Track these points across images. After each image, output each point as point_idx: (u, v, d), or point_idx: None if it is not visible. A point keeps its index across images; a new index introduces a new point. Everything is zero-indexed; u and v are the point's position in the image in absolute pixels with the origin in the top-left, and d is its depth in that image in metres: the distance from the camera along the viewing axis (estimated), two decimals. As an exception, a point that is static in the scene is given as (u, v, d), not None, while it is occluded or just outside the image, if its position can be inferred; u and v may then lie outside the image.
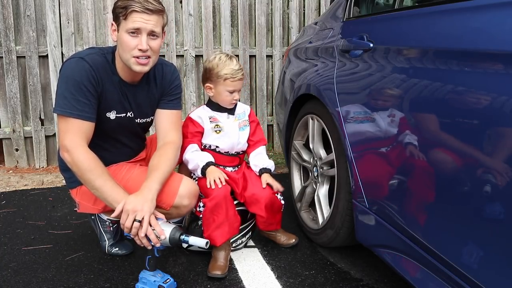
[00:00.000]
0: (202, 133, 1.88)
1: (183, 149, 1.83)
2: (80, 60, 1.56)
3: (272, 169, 1.95)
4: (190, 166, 1.83)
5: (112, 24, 1.58)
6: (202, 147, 1.91)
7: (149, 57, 1.57)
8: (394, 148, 1.39)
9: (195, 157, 1.82)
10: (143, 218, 1.47)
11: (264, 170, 1.91)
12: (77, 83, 1.53)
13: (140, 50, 1.53)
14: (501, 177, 0.98)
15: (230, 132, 1.89)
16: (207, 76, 1.85)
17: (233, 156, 1.93)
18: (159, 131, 1.79)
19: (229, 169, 1.92)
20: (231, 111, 1.92)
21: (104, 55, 1.63)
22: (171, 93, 1.80)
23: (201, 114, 1.88)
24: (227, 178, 1.79)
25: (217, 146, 1.89)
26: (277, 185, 1.89)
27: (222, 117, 1.89)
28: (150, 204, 1.51)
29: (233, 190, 1.83)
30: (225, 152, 1.91)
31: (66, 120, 1.54)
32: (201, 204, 1.79)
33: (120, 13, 1.53)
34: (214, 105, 1.90)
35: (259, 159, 1.95)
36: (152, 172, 1.62)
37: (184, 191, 1.69)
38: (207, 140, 1.88)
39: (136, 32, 1.53)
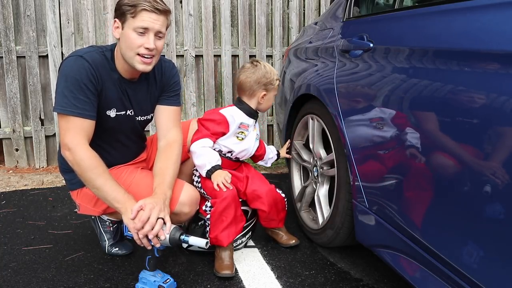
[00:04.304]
0: (223, 135, 1.84)
1: (196, 138, 1.81)
2: (79, 58, 1.56)
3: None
4: (197, 162, 1.80)
5: (115, 21, 1.57)
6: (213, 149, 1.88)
7: (153, 56, 1.58)
8: (394, 148, 1.39)
9: (205, 155, 1.78)
10: (163, 218, 1.49)
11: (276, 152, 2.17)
12: (77, 81, 1.53)
13: (146, 48, 1.54)
14: (501, 177, 0.98)
15: (249, 140, 1.90)
16: (260, 85, 1.85)
17: (238, 162, 1.94)
18: (160, 128, 1.79)
19: None
20: (256, 120, 1.94)
21: (103, 52, 1.63)
22: (171, 90, 1.81)
23: (235, 117, 1.84)
24: (230, 181, 1.79)
25: (231, 151, 1.87)
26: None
27: (250, 124, 1.89)
28: (168, 208, 1.56)
29: (237, 189, 1.83)
30: (235, 158, 1.90)
31: (66, 119, 1.54)
32: (209, 204, 1.78)
33: (127, 11, 1.52)
34: (247, 110, 1.88)
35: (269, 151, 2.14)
36: (161, 177, 1.63)
37: (185, 199, 1.69)
38: (225, 142, 1.85)
39: (144, 31, 1.53)
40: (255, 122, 1.93)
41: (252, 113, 1.89)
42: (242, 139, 1.87)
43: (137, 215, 1.47)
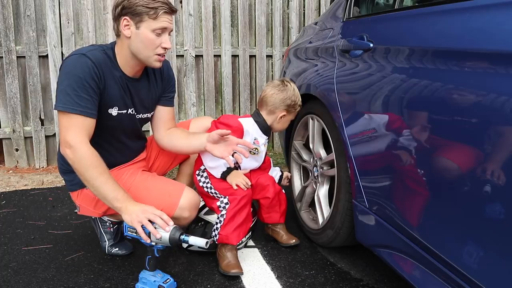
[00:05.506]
0: None
1: None
2: (82, 56, 1.55)
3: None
4: (210, 164, 1.80)
5: (125, 19, 1.56)
6: None
7: (166, 53, 1.66)
8: (394, 148, 1.39)
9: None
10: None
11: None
12: (80, 80, 1.52)
13: (164, 48, 1.60)
14: (501, 177, 0.98)
15: (260, 156, 1.92)
16: (283, 105, 1.84)
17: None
18: (162, 127, 1.85)
19: None
20: (269, 137, 1.94)
21: (104, 51, 1.63)
22: (170, 90, 1.85)
23: (251, 131, 1.84)
24: (249, 181, 1.80)
25: (238, 164, 1.85)
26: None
27: (262, 140, 1.90)
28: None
29: None
30: (241, 169, 1.91)
31: (68, 117, 1.53)
32: (225, 201, 1.76)
33: (145, 12, 1.54)
34: (262, 125, 1.87)
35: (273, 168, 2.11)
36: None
37: (185, 203, 1.69)
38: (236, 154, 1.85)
39: (162, 31, 1.58)
40: (267, 139, 1.93)
41: (267, 130, 1.89)
42: (254, 153, 1.88)
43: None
